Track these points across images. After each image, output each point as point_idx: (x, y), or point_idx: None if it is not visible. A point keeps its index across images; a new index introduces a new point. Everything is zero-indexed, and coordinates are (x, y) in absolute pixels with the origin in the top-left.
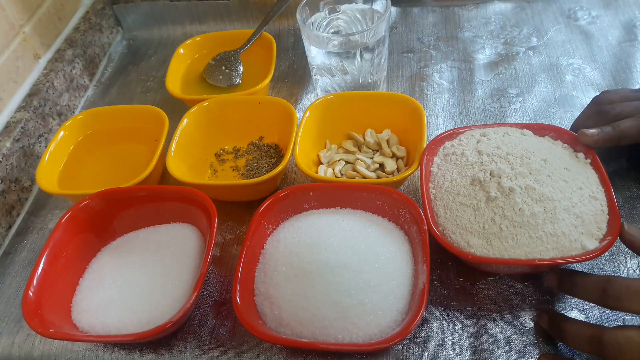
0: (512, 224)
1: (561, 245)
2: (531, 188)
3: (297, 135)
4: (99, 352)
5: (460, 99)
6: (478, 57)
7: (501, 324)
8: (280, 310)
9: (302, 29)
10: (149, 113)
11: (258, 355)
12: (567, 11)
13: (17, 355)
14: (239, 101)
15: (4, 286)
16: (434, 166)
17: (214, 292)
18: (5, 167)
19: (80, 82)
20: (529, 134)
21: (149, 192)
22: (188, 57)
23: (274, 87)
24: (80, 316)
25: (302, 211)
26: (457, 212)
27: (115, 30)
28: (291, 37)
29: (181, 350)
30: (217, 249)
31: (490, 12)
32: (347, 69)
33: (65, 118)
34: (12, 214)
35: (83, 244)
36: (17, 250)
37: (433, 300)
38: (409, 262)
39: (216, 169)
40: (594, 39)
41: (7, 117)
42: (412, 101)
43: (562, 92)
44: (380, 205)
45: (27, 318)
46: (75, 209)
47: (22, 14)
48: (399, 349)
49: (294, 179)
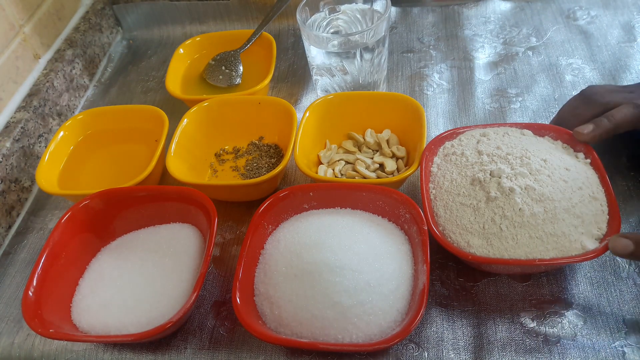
0: (512, 224)
1: (561, 245)
2: (531, 188)
3: (297, 135)
4: (99, 352)
5: (460, 99)
6: (478, 56)
7: (501, 324)
8: (280, 311)
9: (302, 29)
10: (149, 113)
11: (258, 355)
12: (567, 11)
13: (17, 355)
14: (239, 101)
15: (4, 286)
16: (434, 166)
17: (214, 292)
18: (5, 167)
19: (80, 82)
20: (528, 134)
21: (149, 192)
22: (188, 57)
23: (274, 87)
24: (80, 316)
25: (302, 211)
26: (457, 212)
27: (115, 30)
28: (291, 37)
29: (181, 350)
30: (217, 249)
31: (489, 11)
32: (347, 69)
33: (65, 118)
34: (12, 214)
35: (83, 244)
36: (17, 250)
37: (433, 300)
38: (409, 262)
39: (216, 169)
40: (593, 39)
41: (7, 117)
42: (412, 101)
43: (562, 91)
44: (380, 205)
45: (27, 318)
46: (75, 209)
47: (22, 14)
48: (399, 349)
49: (294, 179)
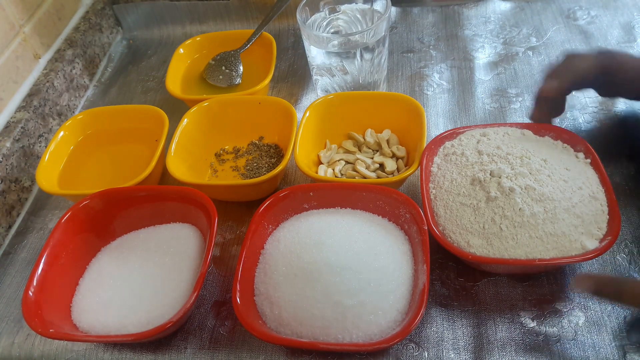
0: (512, 224)
1: (561, 245)
2: (531, 188)
3: (297, 135)
4: (99, 352)
5: (460, 99)
6: (478, 56)
7: (501, 324)
8: (280, 310)
9: (302, 29)
10: (149, 113)
11: (258, 355)
12: (567, 11)
13: (17, 355)
14: (239, 101)
15: (4, 286)
16: (434, 166)
17: (214, 292)
18: (5, 167)
19: (80, 82)
20: (529, 134)
21: (149, 192)
22: (188, 57)
23: (274, 87)
24: (80, 316)
25: (302, 211)
26: (457, 212)
27: (115, 30)
28: (291, 37)
29: (181, 350)
30: (217, 249)
31: (489, 11)
32: (347, 69)
33: (65, 118)
34: (12, 214)
35: (83, 244)
36: (17, 250)
37: (433, 300)
38: (409, 262)
39: (216, 169)
40: (593, 39)
41: (7, 117)
42: (412, 101)
43: None
44: (380, 205)
45: (27, 318)
46: (75, 209)
47: (22, 14)
48: (399, 349)
49: (294, 179)
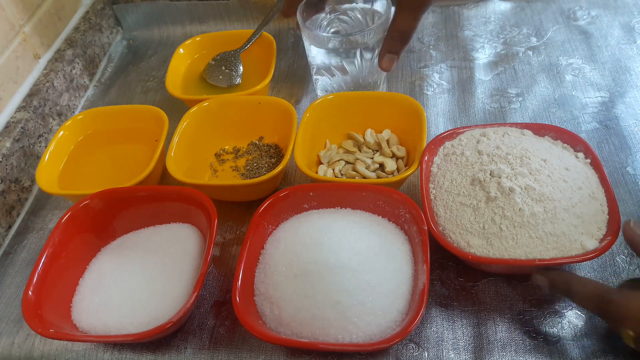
0: (512, 224)
1: (561, 245)
2: (531, 188)
3: (297, 135)
4: (99, 352)
5: (460, 99)
6: (478, 56)
7: (501, 324)
8: (280, 310)
9: (302, 29)
10: (149, 113)
11: (258, 355)
12: (567, 11)
13: (17, 355)
14: (239, 101)
15: (4, 286)
16: (434, 166)
17: (214, 292)
18: (5, 167)
19: (80, 82)
20: (528, 134)
21: (149, 192)
22: (188, 57)
23: (274, 87)
24: (80, 316)
25: (302, 211)
26: (457, 212)
27: (115, 30)
28: (291, 37)
29: (181, 350)
30: (217, 249)
31: (490, 11)
32: (347, 69)
33: (65, 118)
34: (12, 214)
35: (83, 244)
36: (17, 250)
37: (433, 300)
38: (409, 262)
39: (216, 169)
40: (593, 39)
41: (7, 117)
42: (412, 101)
43: (562, 92)
44: (380, 205)
45: (27, 318)
46: (75, 209)
47: (22, 14)
48: (399, 349)
49: (294, 179)
